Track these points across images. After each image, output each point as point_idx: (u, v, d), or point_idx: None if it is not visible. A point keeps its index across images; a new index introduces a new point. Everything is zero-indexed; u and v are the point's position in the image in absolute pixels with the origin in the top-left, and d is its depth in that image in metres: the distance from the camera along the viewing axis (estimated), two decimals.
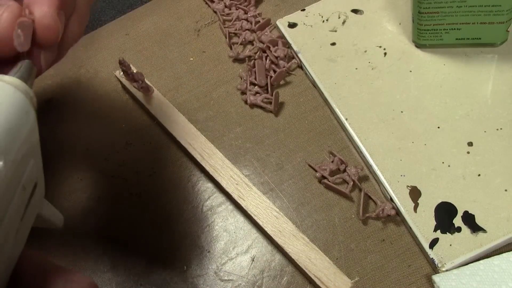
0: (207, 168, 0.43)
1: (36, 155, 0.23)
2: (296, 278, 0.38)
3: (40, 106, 0.50)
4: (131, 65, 0.48)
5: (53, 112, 0.50)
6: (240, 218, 0.42)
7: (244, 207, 0.40)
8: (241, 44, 0.51)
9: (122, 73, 0.49)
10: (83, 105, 0.50)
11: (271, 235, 0.39)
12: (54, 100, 0.51)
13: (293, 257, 0.38)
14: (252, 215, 0.40)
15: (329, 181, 0.41)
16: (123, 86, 0.50)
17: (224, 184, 0.42)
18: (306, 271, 0.37)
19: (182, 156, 0.45)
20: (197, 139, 0.44)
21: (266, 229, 0.39)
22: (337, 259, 0.39)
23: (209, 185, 0.44)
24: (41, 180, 0.24)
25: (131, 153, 0.46)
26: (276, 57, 0.49)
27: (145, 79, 0.48)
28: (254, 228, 0.41)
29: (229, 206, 0.42)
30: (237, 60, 0.51)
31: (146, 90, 0.47)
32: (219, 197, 0.43)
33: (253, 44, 0.51)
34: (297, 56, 0.49)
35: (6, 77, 0.24)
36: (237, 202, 0.41)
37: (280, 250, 0.39)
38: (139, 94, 0.48)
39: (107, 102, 0.50)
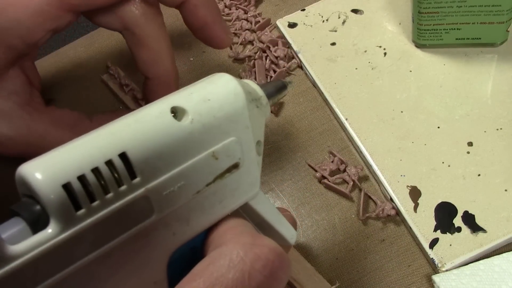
0: None
1: (243, 139, 0.26)
2: None
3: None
4: (118, 69, 0.48)
5: None
6: None
7: None
8: (241, 44, 0.51)
9: (109, 77, 0.49)
10: (83, 105, 0.50)
11: None
12: (54, 100, 0.50)
13: None
14: None
15: (329, 181, 0.41)
16: (111, 90, 0.50)
17: None
18: (290, 279, 0.37)
19: None
20: None
21: None
22: (337, 259, 0.39)
23: None
24: (249, 169, 0.26)
25: None
26: (276, 57, 0.49)
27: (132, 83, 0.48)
28: None
29: None
30: (237, 60, 0.51)
31: None
32: None
33: (253, 44, 0.51)
34: (297, 56, 0.49)
35: (245, 80, 0.29)
36: None
37: None
38: (127, 99, 0.48)
39: (107, 102, 0.50)
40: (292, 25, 0.51)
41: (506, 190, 0.39)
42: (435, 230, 0.38)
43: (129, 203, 0.22)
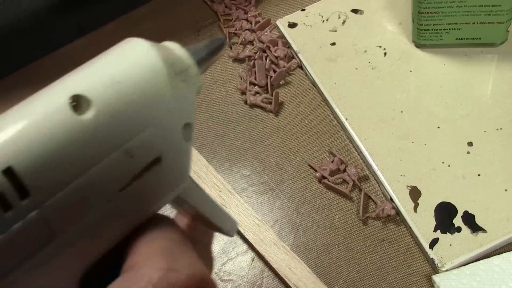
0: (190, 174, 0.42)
1: (165, 126, 0.21)
2: None
3: None
4: None
5: None
6: None
7: None
8: (241, 44, 0.51)
9: None
10: None
11: (252, 243, 0.39)
12: None
13: (273, 265, 0.38)
14: None
15: (329, 181, 0.41)
16: None
17: (207, 191, 0.41)
18: (286, 280, 0.37)
19: None
20: None
21: (247, 237, 0.39)
22: (337, 259, 0.39)
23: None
24: (174, 160, 0.22)
25: None
26: (276, 57, 0.49)
27: None
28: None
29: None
30: (237, 60, 0.51)
31: None
32: None
33: (253, 44, 0.51)
34: (297, 56, 0.49)
35: (167, 43, 0.23)
36: None
37: (261, 258, 0.39)
38: None
39: None
40: (292, 25, 0.51)
41: (506, 190, 0.39)
42: (435, 230, 0.38)
43: (20, 230, 0.17)
